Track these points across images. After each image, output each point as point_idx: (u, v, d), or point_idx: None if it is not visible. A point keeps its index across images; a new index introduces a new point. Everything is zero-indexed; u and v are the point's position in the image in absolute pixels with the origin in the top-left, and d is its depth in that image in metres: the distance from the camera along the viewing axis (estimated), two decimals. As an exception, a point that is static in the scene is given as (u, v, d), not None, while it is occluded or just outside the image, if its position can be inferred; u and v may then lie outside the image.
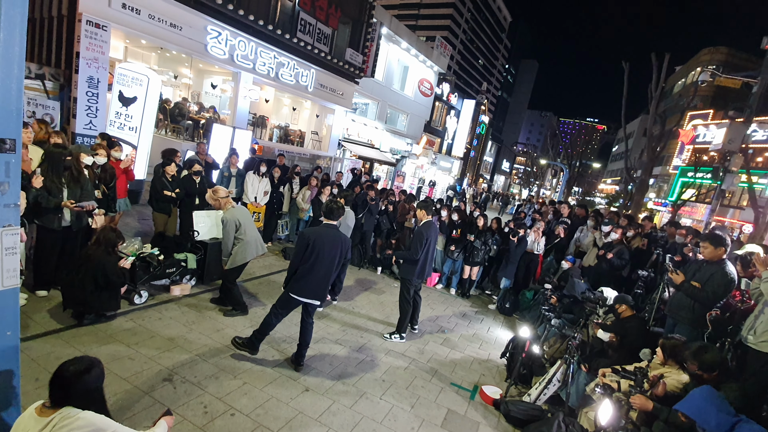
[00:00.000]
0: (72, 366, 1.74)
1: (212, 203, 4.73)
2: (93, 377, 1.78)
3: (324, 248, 3.72)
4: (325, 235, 3.76)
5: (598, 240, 6.74)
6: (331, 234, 3.81)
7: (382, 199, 8.46)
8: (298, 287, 3.74)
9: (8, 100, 1.83)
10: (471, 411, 3.92)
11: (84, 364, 1.77)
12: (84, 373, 1.74)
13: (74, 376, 1.71)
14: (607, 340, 3.95)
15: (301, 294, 3.75)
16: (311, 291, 3.78)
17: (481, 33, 78.50)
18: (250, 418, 3.18)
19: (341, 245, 3.88)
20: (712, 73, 12.87)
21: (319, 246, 3.69)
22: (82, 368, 1.75)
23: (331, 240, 3.79)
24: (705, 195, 22.24)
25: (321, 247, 3.70)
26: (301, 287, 3.74)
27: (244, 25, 10.78)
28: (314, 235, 3.71)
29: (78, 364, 1.75)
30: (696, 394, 2.49)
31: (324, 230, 3.82)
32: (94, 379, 1.79)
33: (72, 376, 1.71)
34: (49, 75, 7.84)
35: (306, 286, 3.73)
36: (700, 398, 2.44)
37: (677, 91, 36.03)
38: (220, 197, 4.65)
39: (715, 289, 3.76)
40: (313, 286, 3.75)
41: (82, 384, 1.73)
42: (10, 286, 2.05)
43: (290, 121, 16.86)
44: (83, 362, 1.78)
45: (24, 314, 3.74)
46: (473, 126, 32.64)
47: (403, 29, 19.27)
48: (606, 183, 53.89)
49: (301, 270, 3.71)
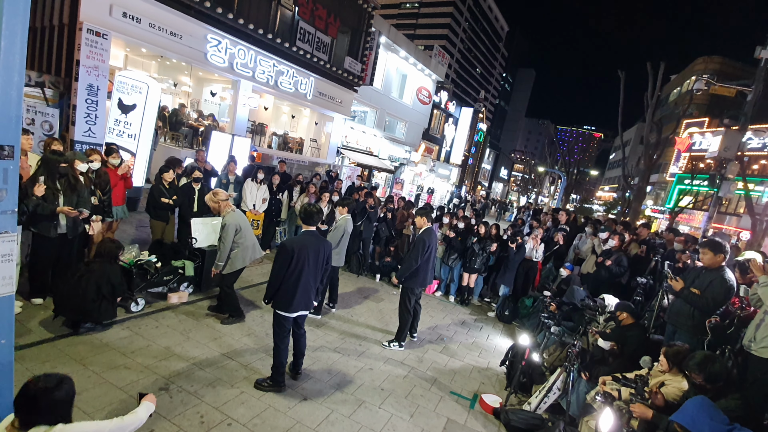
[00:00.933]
0: (41, 383, 1.66)
1: (212, 206, 4.68)
2: (63, 393, 1.69)
3: (309, 258, 3.56)
4: (308, 243, 3.59)
5: (597, 247, 6.74)
6: (313, 241, 3.64)
7: (381, 206, 8.46)
8: (286, 303, 3.54)
9: (8, 107, 1.83)
10: (471, 420, 3.88)
11: (53, 380, 1.69)
12: (54, 390, 1.66)
13: (43, 393, 1.63)
14: (608, 348, 3.93)
15: (290, 310, 3.57)
16: (300, 303, 3.61)
17: (478, 42, 79.32)
18: (247, 428, 3.13)
19: (324, 250, 3.74)
20: (707, 82, 13.00)
21: (303, 256, 3.52)
22: (52, 385, 1.67)
23: (315, 247, 3.63)
24: (702, 202, 22.35)
25: (306, 257, 3.53)
26: (289, 302, 3.55)
27: (244, 33, 10.87)
28: (297, 246, 3.52)
29: (47, 381, 1.67)
30: (689, 404, 2.49)
31: (306, 239, 3.63)
32: (64, 395, 1.70)
33: (41, 393, 1.63)
34: (48, 83, 7.85)
35: (293, 300, 3.55)
36: (693, 408, 2.44)
37: (673, 100, 36.38)
38: (221, 200, 4.62)
39: (715, 295, 3.76)
40: (300, 297, 3.58)
41: (52, 401, 1.65)
42: (5, 293, 2.03)
43: (289, 128, 16.92)
44: (52, 379, 1.69)
45: (19, 322, 3.71)
46: (471, 134, 32.81)
47: (402, 38, 19.45)
48: (603, 190, 54.10)
49: (285, 285, 3.52)
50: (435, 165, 26.25)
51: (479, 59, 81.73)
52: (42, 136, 7.10)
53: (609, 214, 32.86)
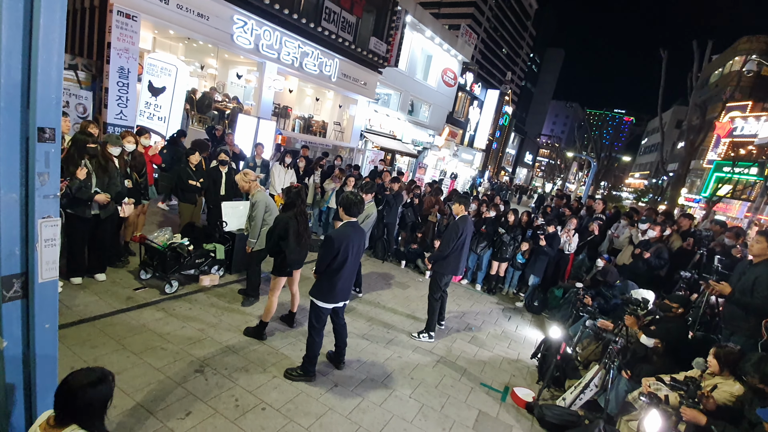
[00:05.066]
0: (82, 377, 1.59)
1: (242, 185, 4.79)
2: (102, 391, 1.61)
3: (352, 250, 3.52)
4: (352, 235, 3.52)
5: (635, 237, 6.44)
6: (355, 233, 3.58)
7: (408, 191, 8.31)
8: (326, 294, 3.52)
9: (48, 88, 1.77)
10: (503, 413, 3.80)
11: (94, 375, 1.61)
12: (94, 385, 1.59)
13: (82, 389, 1.56)
14: (651, 345, 3.74)
15: (331, 301, 3.55)
16: (341, 295, 3.60)
17: (505, 21, 76.24)
18: (281, 413, 3.15)
19: (364, 242, 3.75)
20: (759, 62, 12.08)
21: (347, 249, 3.48)
22: (93, 380, 1.59)
23: (357, 239, 3.59)
24: (741, 191, 21.17)
25: (349, 249, 3.49)
26: (329, 293, 3.52)
27: (270, 14, 10.71)
28: (343, 239, 3.45)
29: (88, 375, 1.60)
30: None
31: (349, 230, 3.54)
32: (103, 394, 1.62)
33: (80, 389, 1.56)
34: (81, 65, 7.96)
35: (334, 292, 3.53)
36: None
37: (714, 81, 34.23)
38: (250, 180, 4.73)
39: (765, 293, 3.50)
40: (340, 289, 3.56)
41: (90, 398, 1.57)
42: (49, 278, 2.03)
43: (313, 111, 16.80)
44: (93, 373, 1.62)
45: (60, 302, 3.80)
46: (496, 117, 31.96)
47: (428, 17, 18.83)
48: (634, 177, 51.98)
49: (327, 275, 3.50)
50: (458, 149, 25.73)
51: (506, 39, 78.73)
52: (76, 118, 7.24)
53: (639, 202, 31.65)
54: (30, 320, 2.00)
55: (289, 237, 3.85)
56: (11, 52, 1.68)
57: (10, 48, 1.67)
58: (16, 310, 1.95)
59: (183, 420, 2.86)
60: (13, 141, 1.76)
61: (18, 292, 1.94)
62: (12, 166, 1.78)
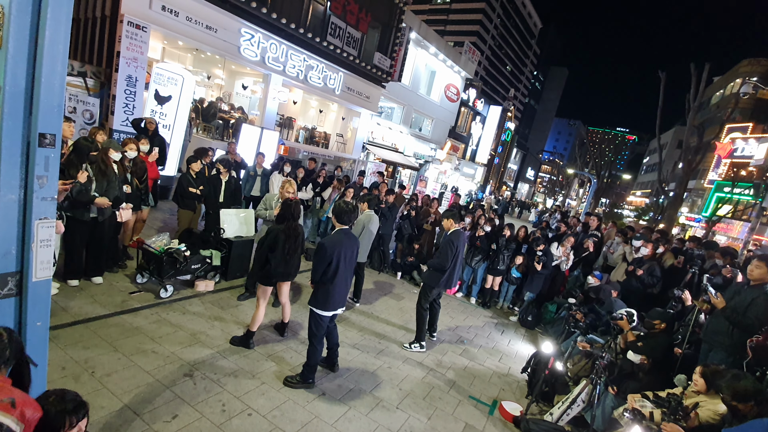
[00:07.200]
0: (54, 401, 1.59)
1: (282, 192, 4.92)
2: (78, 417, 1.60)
3: (345, 257, 3.60)
4: (344, 243, 3.61)
5: (628, 255, 6.47)
6: (347, 240, 3.66)
7: (405, 204, 8.40)
8: (324, 302, 3.60)
9: (50, 97, 1.88)
10: (489, 427, 3.80)
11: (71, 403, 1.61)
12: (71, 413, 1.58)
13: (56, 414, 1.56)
14: (638, 362, 3.76)
15: (330, 308, 3.64)
16: (337, 302, 3.67)
17: (510, 39, 77.42)
18: (267, 419, 3.17)
19: (356, 249, 3.82)
20: (755, 85, 12.24)
21: (340, 257, 3.56)
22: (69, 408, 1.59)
23: (350, 246, 3.67)
24: (742, 212, 21.16)
25: (342, 257, 3.57)
26: (327, 301, 3.60)
27: (277, 28, 11.00)
28: (336, 247, 3.53)
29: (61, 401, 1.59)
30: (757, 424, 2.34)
31: (342, 238, 3.63)
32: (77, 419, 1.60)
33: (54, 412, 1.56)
34: (90, 73, 8.17)
35: (331, 299, 3.60)
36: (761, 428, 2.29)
37: (715, 102, 34.48)
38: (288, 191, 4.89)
39: (759, 314, 3.54)
40: (337, 296, 3.64)
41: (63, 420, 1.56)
42: (43, 277, 2.10)
43: (316, 123, 17.04)
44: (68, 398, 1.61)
45: (55, 303, 3.87)
46: (498, 132, 32.22)
47: (432, 34, 19.22)
48: (635, 195, 52.02)
49: (323, 283, 3.58)
50: (460, 163, 25.94)
51: (510, 56, 79.84)
52: (83, 124, 7.41)
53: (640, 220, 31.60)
54: (23, 318, 2.06)
55: (277, 250, 3.92)
56: (17, 61, 1.79)
57: (16, 57, 1.78)
58: (9, 308, 2.02)
59: (169, 423, 2.89)
60: (15, 145, 1.86)
61: (12, 290, 2.01)
62: (13, 169, 1.86)
